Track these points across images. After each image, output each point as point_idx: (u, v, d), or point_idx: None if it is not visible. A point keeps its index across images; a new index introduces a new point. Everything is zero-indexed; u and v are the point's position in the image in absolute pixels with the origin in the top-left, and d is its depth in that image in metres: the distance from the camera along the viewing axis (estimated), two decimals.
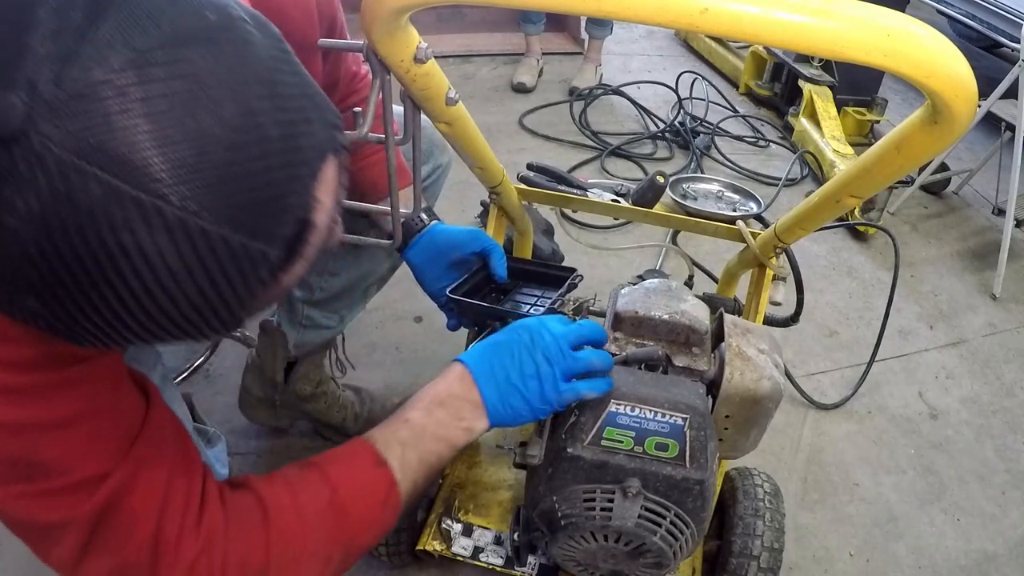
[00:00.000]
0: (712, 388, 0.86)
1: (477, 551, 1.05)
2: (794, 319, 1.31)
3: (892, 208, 2.43)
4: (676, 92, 2.93)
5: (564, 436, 0.80)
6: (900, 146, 0.61)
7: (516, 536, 0.97)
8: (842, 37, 0.45)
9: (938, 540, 1.41)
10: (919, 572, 1.35)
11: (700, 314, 0.93)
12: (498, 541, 1.06)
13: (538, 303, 1.05)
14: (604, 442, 0.79)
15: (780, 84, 3.00)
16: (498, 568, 1.04)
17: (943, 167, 2.51)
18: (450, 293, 0.97)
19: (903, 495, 1.49)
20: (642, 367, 0.86)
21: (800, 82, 2.77)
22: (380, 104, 0.65)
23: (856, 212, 2.20)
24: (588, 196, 1.23)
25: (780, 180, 2.48)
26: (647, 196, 1.23)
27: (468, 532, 1.07)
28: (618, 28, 3.46)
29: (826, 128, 2.57)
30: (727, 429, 0.88)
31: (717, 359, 0.88)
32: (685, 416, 0.77)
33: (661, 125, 2.79)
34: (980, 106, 2.12)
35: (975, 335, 1.97)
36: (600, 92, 3.00)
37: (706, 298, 1.08)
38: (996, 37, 2.94)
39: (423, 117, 0.73)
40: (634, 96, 2.98)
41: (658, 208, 1.24)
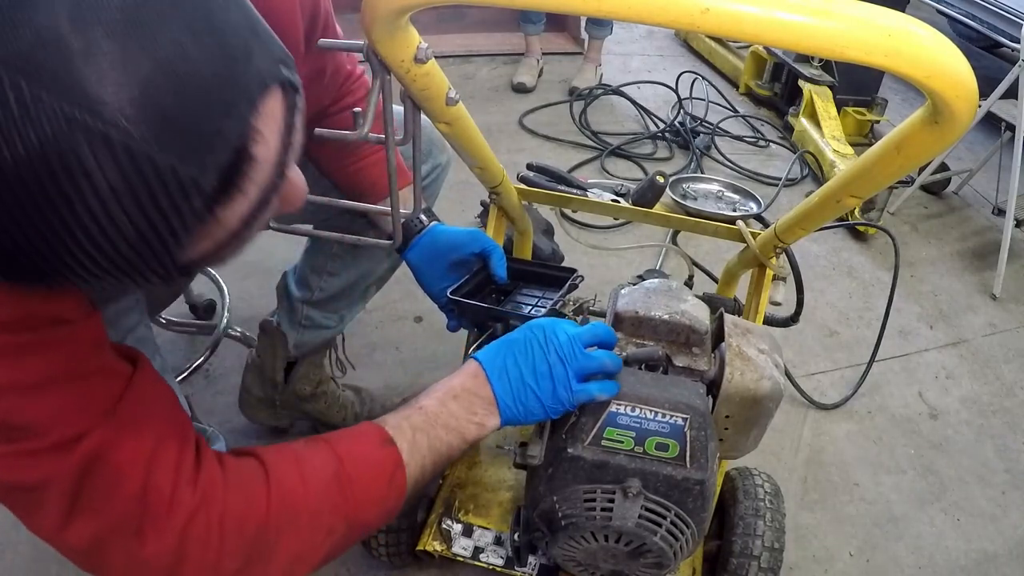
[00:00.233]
0: (712, 388, 0.86)
1: (477, 551, 1.05)
2: (794, 319, 1.31)
3: (892, 208, 2.43)
4: (676, 92, 2.93)
5: (564, 436, 0.80)
6: (900, 146, 0.61)
7: (516, 536, 0.97)
8: (842, 37, 0.45)
9: (938, 540, 1.41)
10: (919, 572, 1.35)
11: (700, 314, 0.93)
12: (498, 541, 1.07)
13: (539, 304, 1.05)
14: (604, 442, 0.79)
15: (780, 84, 3.00)
16: (498, 568, 1.04)
17: (943, 167, 2.51)
18: (450, 294, 0.96)
19: (903, 495, 1.49)
20: (642, 367, 0.86)
21: (800, 82, 2.78)
22: (380, 104, 0.65)
23: (856, 212, 2.20)
24: (588, 196, 1.23)
25: (780, 180, 2.49)
26: (647, 196, 1.23)
27: (468, 532, 1.07)
28: (618, 28, 3.46)
29: (826, 128, 2.57)
30: (727, 429, 0.88)
31: (717, 359, 0.88)
32: (685, 416, 0.77)
33: (661, 125, 2.79)
34: (980, 106, 2.12)
35: (975, 335, 1.97)
36: (600, 92, 3.00)
37: (706, 298, 1.08)
38: (996, 37, 2.95)
39: (422, 117, 0.73)
40: (634, 96, 2.98)
41: (658, 208, 1.24)
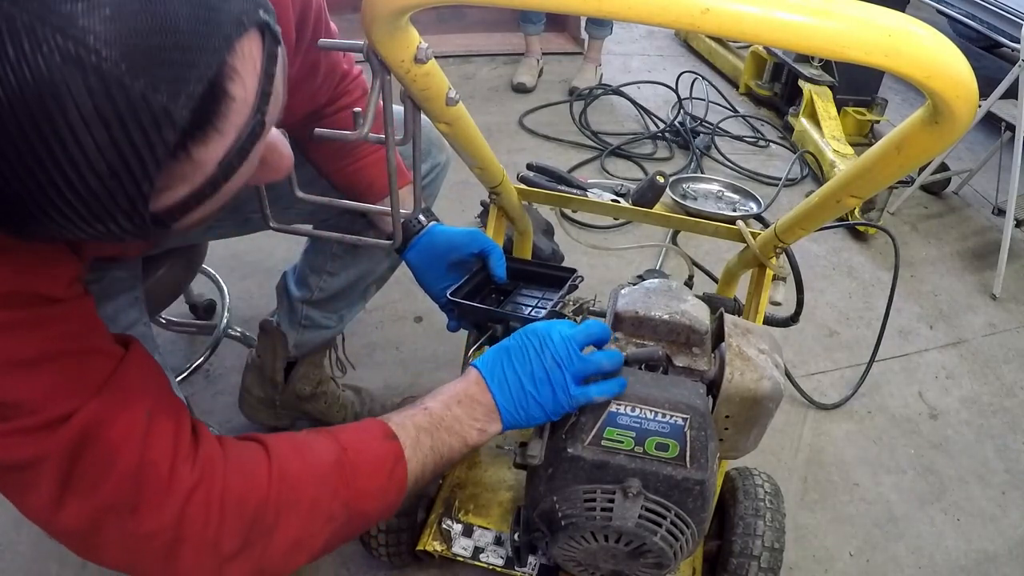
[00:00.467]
0: (712, 388, 0.86)
1: (477, 551, 1.05)
2: (794, 319, 1.31)
3: (892, 208, 2.43)
4: (676, 92, 2.93)
5: (564, 436, 0.80)
6: (900, 146, 0.61)
7: (516, 536, 0.97)
8: (842, 37, 0.45)
9: (938, 540, 1.41)
10: (919, 572, 1.35)
11: (700, 314, 0.93)
12: (498, 541, 1.07)
13: (539, 304, 1.05)
14: (604, 442, 0.79)
15: (780, 84, 3.00)
16: (498, 568, 1.04)
17: (943, 167, 2.51)
18: (450, 296, 0.96)
19: (903, 495, 1.49)
20: (642, 367, 0.86)
21: (800, 82, 2.78)
22: (380, 104, 0.65)
23: (856, 212, 2.20)
24: (588, 196, 1.23)
25: (780, 180, 2.48)
26: (647, 196, 1.23)
27: (468, 532, 1.07)
28: (618, 28, 3.46)
29: (826, 128, 2.57)
30: (727, 429, 0.88)
31: (717, 359, 0.88)
32: (685, 416, 0.77)
33: (661, 125, 2.79)
34: (980, 106, 2.12)
35: (975, 335, 1.97)
36: (600, 92, 3.00)
37: (706, 298, 1.08)
38: (996, 37, 2.94)
39: (422, 117, 0.73)
40: (634, 96, 2.98)
41: (658, 208, 1.24)
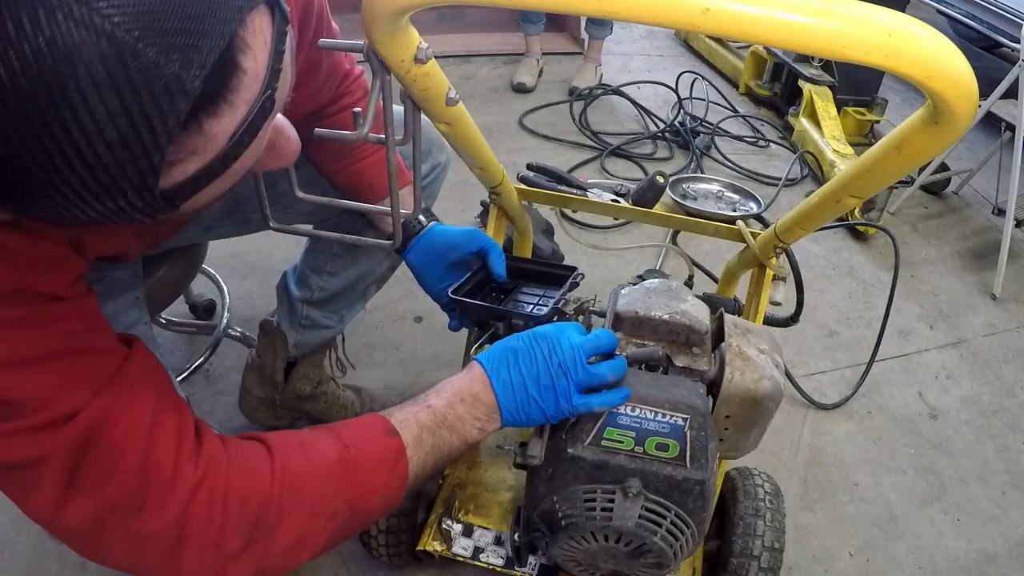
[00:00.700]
0: (712, 388, 0.86)
1: (477, 551, 1.05)
2: (794, 319, 1.31)
3: (892, 208, 2.43)
4: (676, 92, 2.93)
5: (564, 436, 0.80)
6: (900, 146, 0.61)
7: (516, 536, 0.97)
8: (842, 37, 0.45)
9: (938, 540, 1.41)
10: (919, 572, 1.35)
11: (700, 314, 0.93)
12: (498, 541, 1.06)
13: (540, 303, 1.05)
14: (604, 442, 0.79)
15: (780, 84, 3.00)
16: (498, 568, 1.04)
17: (943, 167, 2.51)
18: (451, 294, 0.96)
19: (903, 495, 1.49)
20: (642, 367, 0.86)
21: (800, 82, 2.77)
22: (380, 104, 0.65)
23: (856, 212, 2.20)
24: (588, 196, 1.23)
25: (780, 180, 2.48)
26: (647, 196, 1.23)
27: (468, 532, 1.07)
28: (618, 28, 3.46)
29: (826, 128, 2.57)
30: (727, 429, 0.88)
31: (717, 359, 0.88)
32: (685, 416, 0.77)
33: (661, 125, 2.79)
34: (980, 106, 2.12)
35: (975, 335, 1.96)
36: (600, 92, 3.00)
37: (706, 298, 1.08)
38: (996, 37, 2.94)
39: (422, 117, 0.73)
40: (634, 96, 2.98)
41: (658, 208, 1.24)
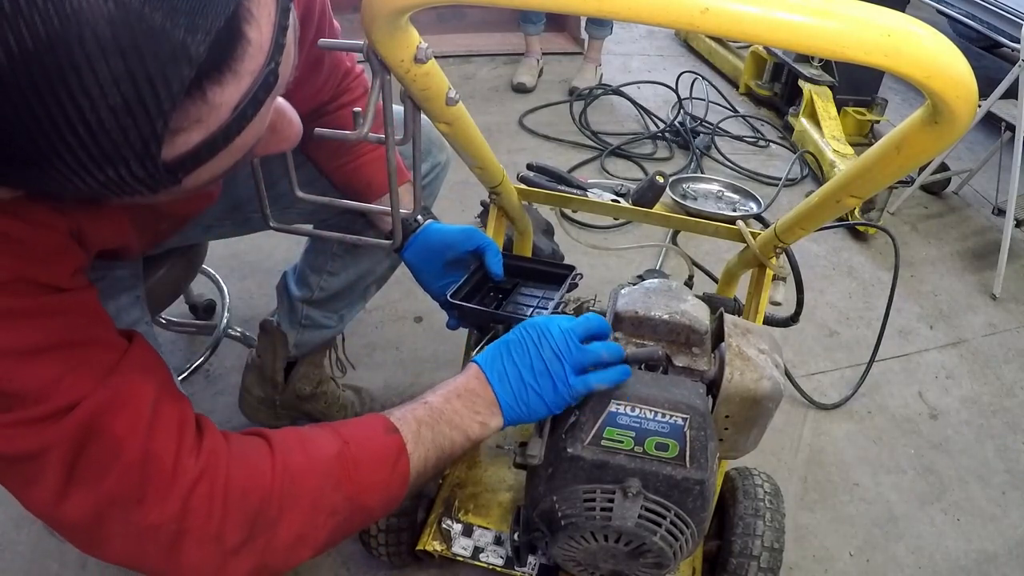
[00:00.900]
0: (712, 388, 0.86)
1: (477, 551, 1.05)
2: (794, 319, 1.31)
3: (892, 208, 2.43)
4: (676, 92, 2.93)
5: (564, 436, 0.80)
6: (900, 146, 0.61)
7: (516, 536, 0.97)
8: (842, 37, 0.45)
9: (938, 540, 1.41)
10: (919, 572, 1.35)
11: (700, 314, 0.93)
12: (498, 541, 1.06)
13: (540, 304, 1.05)
14: (604, 442, 0.79)
15: (780, 84, 3.00)
16: (498, 568, 1.04)
17: (943, 167, 2.51)
18: (451, 298, 0.96)
19: (903, 495, 1.49)
20: (642, 367, 0.86)
21: (800, 82, 2.77)
22: (380, 104, 0.65)
23: (856, 212, 2.20)
24: (588, 196, 1.23)
25: (780, 180, 2.48)
26: (647, 196, 1.23)
27: (468, 532, 1.07)
28: (618, 28, 3.46)
29: (826, 128, 2.57)
30: (727, 429, 0.88)
31: (717, 359, 0.88)
32: (685, 416, 0.77)
33: (661, 125, 2.79)
34: (980, 106, 2.12)
35: (975, 335, 1.96)
36: (600, 92, 3.00)
37: (706, 298, 1.08)
38: (996, 37, 2.95)
39: (422, 116, 0.73)
40: (634, 96, 2.98)
41: (658, 208, 1.24)
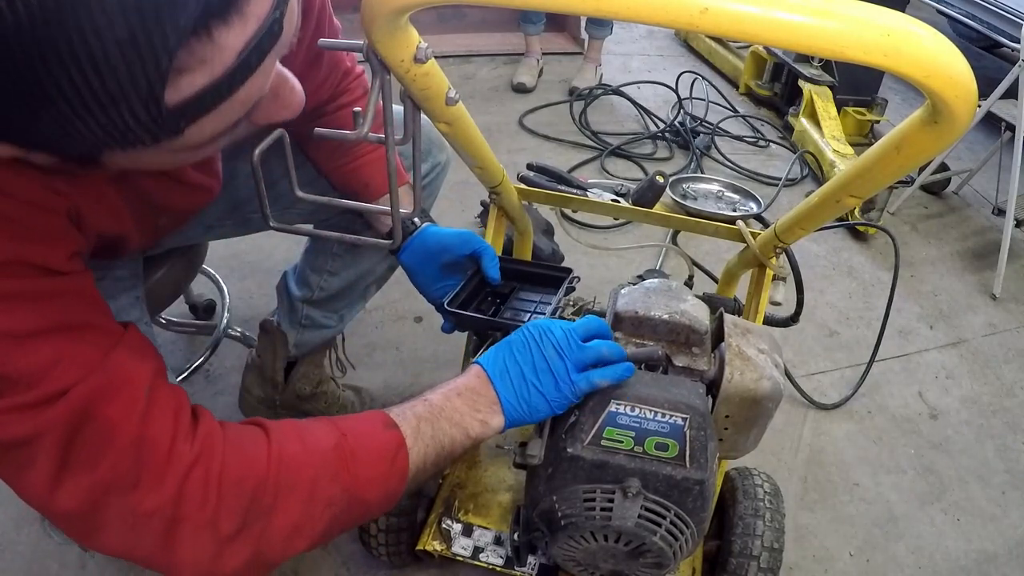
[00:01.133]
0: (712, 388, 0.86)
1: (477, 551, 1.05)
2: (794, 319, 1.30)
3: (892, 208, 2.43)
4: (676, 92, 2.93)
5: (564, 436, 0.80)
6: (900, 146, 0.61)
7: (516, 536, 0.97)
8: (842, 37, 0.45)
9: (938, 540, 1.41)
10: (919, 572, 1.35)
11: (700, 314, 0.93)
12: (498, 541, 1.07)
13: (538, 309, 1.05)
14: (604, 442, 0.79)
15: (780, 84, 3.00)
16: (498, 568, 1.04)
17: (943, 167, 2.51)
18: (448, 305, 0.96)
19: (903, 495, 1.49)
20: (642, 367, 0.86)
21: (800, 82, 2.77)
22: (380, 104, 0.65)
23: (856, 212, 2.20)
24: (588, 196, 1.23)
25: (780, 180, 2.48)
26: (647, 196, 1.23)
27: (468, 532, 1.07)
28: (618, 28, 3.46)
29: (826, 128, 2.57)
30: (727, 429, 0.88)
31: (717, 359, 0.88)
32: (685, 416, 0.77)
33: (661, 125, 2.79)
34: (980, 106, 2.12)
35: (975, 335, 1.96)
36: (600, 92, 3.00)
37: (706, 298, 1.08)
38: (996, 37, 2.94)
39: (422, 116, 0.73)
40: (634, 96, 2.98)
41: (658, 208, 1.24)
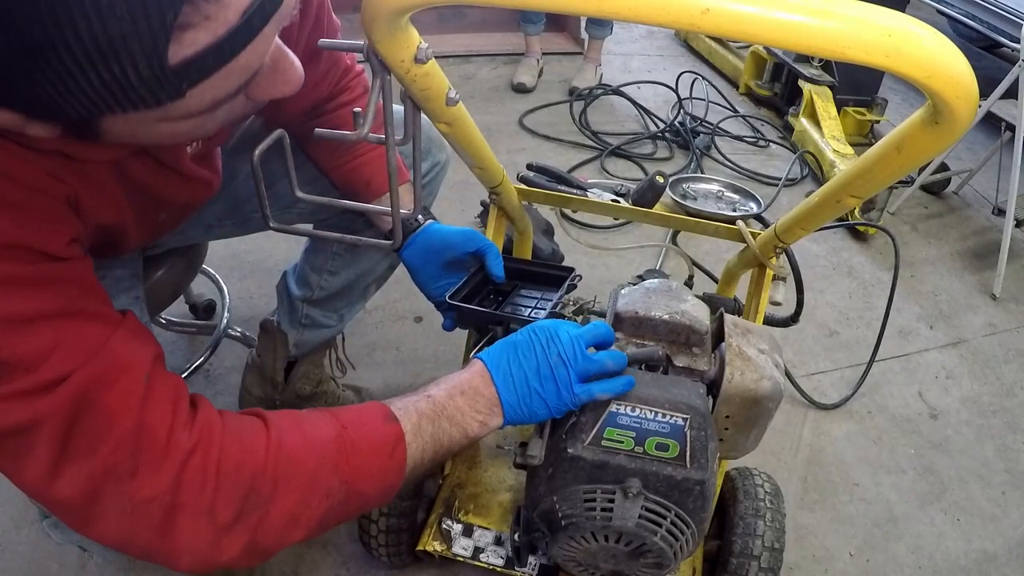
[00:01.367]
0: (712, 388, 0.86)
1: (477, 551, 1.05)
2: (794, 319, 1.30)
3: (892, 208, 2.43)
4: (676, 92, 2.93)
5: (564, 436, 0.80)
6: (900, 146, 0.61)
7: (516, 536, 0.97)
8: (842, 37, 0.45)
9: (938, 540, 1.41)
10: (919, 572, 1.35)
11: (700, 314, 0.93)
12: (498, 541, 1.07)
13: (539, 305, 1.05)
14: (604, 442, 0.79)
15: (780, 84, 3.00)
16: (498, 568, 1.04)
17: (943, 167, 2.51)
18: (450, 299, 0.96)
19: (903, 495, 1.49)
20: (642, 367, 0.86)
21: (800, 82, 2.77)
22: (380, 104, 0.65)
23: (856, 212, 2.20)
24: (588, 196, 1.23)
25: (780, 180, 2.48)
26: (647, 196, 1.23)
27: (468, 532, 1.07)
28: (618, 28, 3.46)
29: (826, 128, 2.57)
30: (727, 429, 0.88)
31: (717, 359, 0.88)
32: (686, 416, 0.77)
33: (661, 125, 2.79)
34: (980, 106, 2.12)
35: (975, 335, 1.96)
36: (600, 92, 3.00)
37: (706, 298, 1.08)
38: (996, 37, 2.94)
39: (422, 116, 0.73)
40: (634, 96, 2.98)
41: (658, 208, 1.24)
